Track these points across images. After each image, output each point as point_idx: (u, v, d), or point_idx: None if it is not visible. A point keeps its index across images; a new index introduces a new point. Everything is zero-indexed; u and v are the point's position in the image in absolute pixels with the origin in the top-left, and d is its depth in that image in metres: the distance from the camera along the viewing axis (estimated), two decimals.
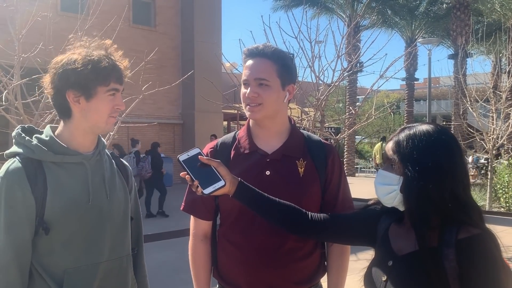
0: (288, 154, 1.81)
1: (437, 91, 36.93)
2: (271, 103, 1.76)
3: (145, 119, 13.33)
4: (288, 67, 1.81)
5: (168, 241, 7.54)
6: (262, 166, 1.78)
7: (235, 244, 1.81)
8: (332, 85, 6.37)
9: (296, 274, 1.78)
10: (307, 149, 1.84)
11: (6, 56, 5.04)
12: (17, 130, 1.64)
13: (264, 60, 1.76)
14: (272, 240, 1.74)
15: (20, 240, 1.52)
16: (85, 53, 1.60)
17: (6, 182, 1.52)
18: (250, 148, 1.83)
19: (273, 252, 1.74)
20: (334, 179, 1.84)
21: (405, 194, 1.38)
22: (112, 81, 1.60)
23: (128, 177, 1.83)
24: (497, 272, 1.27)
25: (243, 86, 1.80)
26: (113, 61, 1.63)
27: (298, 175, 1.78)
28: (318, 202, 1.82)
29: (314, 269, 1.84)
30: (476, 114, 11.26)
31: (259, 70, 1.75)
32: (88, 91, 1.58)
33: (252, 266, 1.76)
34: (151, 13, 17.16)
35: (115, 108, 1.63)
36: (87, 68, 1.56)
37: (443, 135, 1.40)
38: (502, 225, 8.39)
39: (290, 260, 1.76)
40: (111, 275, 1.66)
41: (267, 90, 1.75)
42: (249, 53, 1.80)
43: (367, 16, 17.79)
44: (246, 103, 1.78)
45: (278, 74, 1.77)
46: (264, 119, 1.80)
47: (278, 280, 1.75)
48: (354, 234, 1.61)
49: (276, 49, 1.81)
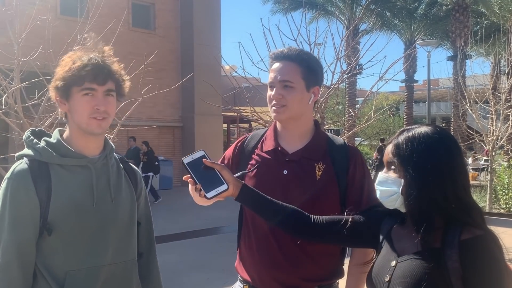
0: (307, 156, 1.83)
1: (437, 93, 36.97)
2: (295, 104, 1.80)
3: (144, 122, 13.32)
4: (313, 69, 1.85)
5: (168, 244, 7.54)
6: (281, 165, 1.82)
7: (249, 241, 1.86)
8: (331, 87, 6.37)
9: (310, 272, 1.79)
10: (329, 153, 1.85)
11: (6, 59, 5.05)
12: (27, 133, 1.68)
13: (289, 63, 1.81)
14: (286, 237, 1.75)
15: (24, 240, 1.53)
16: (76, 56, 1.62)
17: (12, 183, 1.55)
18: (273, 146, 1.87)
19: (287, 250, 1.77)
20: (356, 183, 1.83)
21: (406, 196, 1.38)
22: (87, 81, 1.59)
23: (137, 181, 1.83)
24: (500, 273, 1.27)
25: (269, 88, 1.85)
26: (94, 60, 1.60)
27: (315, 178, 1.79)
28: (335, 206, 1.80)
29: (331, 269, 1.85)
30: (476, 115, 11.26)
31: (283, 73, 1.80)
32: (65, 92, 1.61)
33: (263, 263, 1.80)
34: (150, 16, 17.18)
35: (94, 109, 1.60)
36: (65, 69, 1.60)
37: (442, 136, 1.40)
38: (502, 226, 8.38)
39: (304, 258, 1.78)
40: (114, 279, 1.66)
41: (291, 92, 1.79)
42: (274, 57, 1.85)
43: (366, 18, 17.81)
44: (271, 105, 1.83)
45: (302, 76, 1.80)
46: (289, 120, 1.84)
47: (290, 277, 1.78)
48: (357, 236, 1.60)
49: (301, 51, 1.86)
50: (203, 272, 6.02)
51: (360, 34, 13.98)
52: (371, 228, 1.56)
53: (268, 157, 1.86)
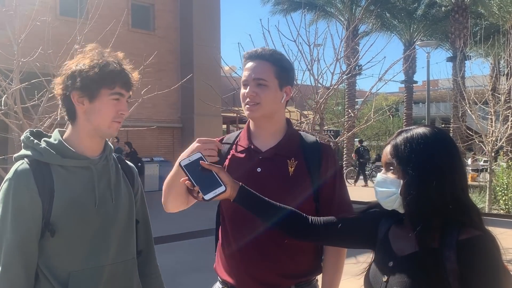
0: (279, 153, 1.86)
1: (436, 94, 37.00)
2: (268, 102, 1.84)
3: (144, 123, 13.32)
4: (286, 69, 1.90)
5: (166, 245, 7.53)
6: (255, 163, 1.85)
7: (227, 241, 1.89)
8: (331, 88, 6.38)
9: (287, 268, 1.81)
10: (301, 150, 1.88)
11: (5, 60, 5.05)
12: (26, 134, 1.67)
13: (263, 62, 1.85)
14: (264, 237, 1.78)
15: (27, 241, 1.53)
16: (96, 56, 1.63)
17: (14, 183, 1.54)
18: (246, 146, 1.91)
19: (264, 247, 1.79)
20: (328, 179, 1.86)
21: (405, 196, 1.38)
22: (118, 85, 1.63)
23: (134, 179, 1.84)
24: (498, 274, 1.27)
25: (243, 87, 1.88)
26: (121, 66, 1.66)
27: (288, 174, 1.82)
28: (309, 202, 1.82)
29: (308, 265, 1.87)
30: (475, 116, 11.28)
31: (258, 71, 1.84)
32: (92, 92, 1.60)
33: (242, 261, 1.82)
34: (150, 17, 17.18)
35: (119, 113, 1.65)
36: (93, 70, 1.59)
37: (440, 137, 1.40)
38: (502, 227, 8.39)
39: (281, 254, 1.80)
40: (116, 278, 1.67)
41: (265, 90, 1.83)
42: (248, 56, 1.89)
43: (366, 19, 17.82)
44: (245, 103, 1.86)
45: (276, 75, 1.85)
46: (262, 118, 1.87)
47: (268, 274, 1.80)
48: (354, 237, 1.61)
49: (275, 51, 1.90)
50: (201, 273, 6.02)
51: (359, 35, 13.99)
52: (368, 228, 1.56)
53: (242, 156, 1.90)
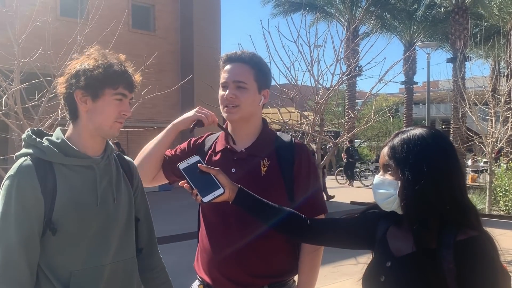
0: (253, 154, 1.89)
1: (436, 95, 36.98)
2: (247, 105, 1.87)
3: (144, 123, 13.30)
4: (265, 72, 1.94)
5: (167, 245, 7.53)
6: (230, 164, 1.89)
7: (204, 241, 1.93)
8: (331, 89, 6.38)
9: (259, 269, 1.84)
10: (275, 150, 1.91)
11: (6, 60, 5.06)
12: (28, 132, 1.67)
13: (243, 65, 1.89)
14: (236, 237, 1.82)
15: (30, 238, 1.53)
16: (100, 57, 1.64)
17: (17, 180, 1.54)
18: (223, 146, 1.95)
19: (236, 248, 1.82)
20: (301, 178, 1.88)
21: (403, 197, 1.38)
22: (121, 86, 1.63)
23: (133, 176, 1.84)
24: (495, 274, 1.28)
25: (222, 89, 1.91)
26: (125, 68, 1.67)
27: (260, 174, 1.85)
28: (283, 201, 1.81)
29: (282, 266, 1.89)
30: (475, 117, 11.27)
31: (237, 74, 1.87)
32: (95, 91, 1.61)
33: (216, 261, 1.86)
34: (150, 17, 17.19)
35: (121, 114, 1.66)
36: (98, 69, 1.60)
37: (437, 138, 1.41)
38: (502, 228, 8.39)
39: (252, 255, 1.82)
40: (116, 277, 1.68)
41: (244, 92, 1.86)
42: (227, 59, 1.92)
43: (366, 20, 17.83)
44: (224, 105, 1.89)
45: (255, 78, 1.89)
46: (240, 120, 1.91)
47: (240, 274, 1.83)
48: (353, 238, 1.61)
49: (254, 54, 1.93)
50: None
51: (360, 36, 14.00)
52: (367, 229, 1.57)
53: (219, 156, 1.94)
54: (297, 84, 6.85)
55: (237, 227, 1.82)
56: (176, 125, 2.05)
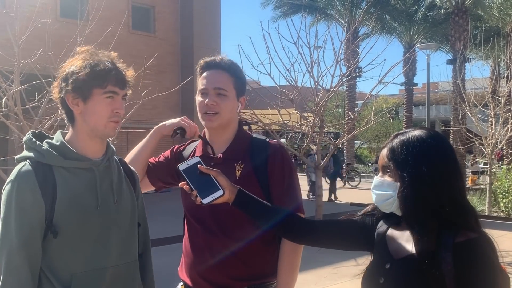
0: (228, 158, 1.91)
1: (436, 96, 36.97)
2: (227, 112, 1.90)
3: (144, 125, 13.30)
4: (242, 80, 1.96)
5: (166, 247, 7.52)
6: None
7: (186, 245, 1.98)
8: (331, 90, 6.39)
9: (238, 271, 1.85)
10: (249, 152, 1.93)
11: (6, 61, 5.06)
12: (28, 135, 1.67)
13: (222, 72, 1.90)
14: (214, 240, 1.85)
15: (31, 242, 1.53)
16: (88, 57, 1.63)
17: (17, 184, 1.54)
18: (201, 153, 1.97)
19: (215, 251, 1.84)
20: (275, 177, 1.88)
21: (402, 199, 1.38)
22: (110, 84, 1.61)
23: (135, 183, 1.84)
24: (494, 276, 1.28)
25: (200, 95, 1.92)
26: (113, 64, 1.65)
27: (235, 177, 1.86)
28: None
29: (262, 269, 1.89)
30: (475, 119, 11.28)
31: (218, 81, 1.88)
32: (84, 93, 1.60)
33: (196, 263, 1.89)
34: (150, 19, 17.21)
35: (114, 112, 1.64)
36: (84, 70, 1.59)
37: (436, 139, 1.41)
38: (502, 229, 8.39)
39: (231, 258, 1.83)
40: (118, 280, 1.67)
41: (225, 100, 1.88)
42: (206, 65, 1.92)
43: (366, 22, 17.84)
44: (203, 112, 1.90)
45: (234, 86, 1.91)
46: (218, 127, 1.93)
47: (219, 276, 1.85)
48: (352, 239, 1.61)
49: (232, 62, 1.95)
50: None
51: (360, 37, 14.01)
52: (366, 231, 1.57)
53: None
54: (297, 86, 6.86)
55: (216, 232, 1.85)
56: (160, 129, 2.08)
